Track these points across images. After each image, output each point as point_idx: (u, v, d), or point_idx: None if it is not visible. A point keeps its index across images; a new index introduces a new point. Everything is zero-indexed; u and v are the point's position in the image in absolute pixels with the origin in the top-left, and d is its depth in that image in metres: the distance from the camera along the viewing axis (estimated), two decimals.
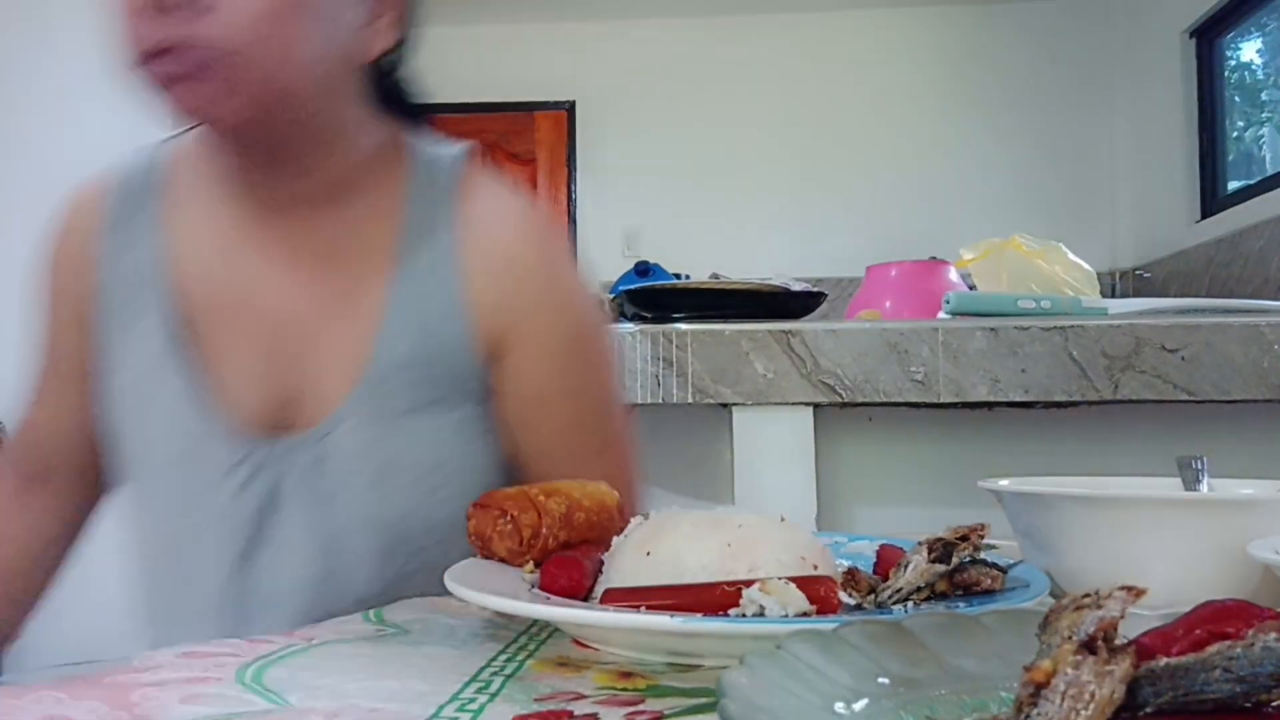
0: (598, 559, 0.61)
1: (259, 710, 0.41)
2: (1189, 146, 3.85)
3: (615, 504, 0.70)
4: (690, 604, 0.50)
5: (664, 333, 1.09)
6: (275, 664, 0.49)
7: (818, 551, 0.58)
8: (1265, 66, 3.71)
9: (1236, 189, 3.65)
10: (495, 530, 0.64)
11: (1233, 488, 0.68)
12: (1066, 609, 0.30)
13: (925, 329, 1.07)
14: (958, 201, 4.39)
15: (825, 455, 1.13)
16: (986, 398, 1.06)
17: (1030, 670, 0.28)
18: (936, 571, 0.55)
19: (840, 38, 4.54)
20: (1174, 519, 0.55)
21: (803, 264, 4.24)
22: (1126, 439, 1.15)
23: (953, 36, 4.48)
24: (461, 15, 4.54)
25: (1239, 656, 0.26)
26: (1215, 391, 1.03)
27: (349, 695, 0.44)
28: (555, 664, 0.50)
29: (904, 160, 4.47)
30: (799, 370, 1.08)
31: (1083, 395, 1.05)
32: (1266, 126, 3.69)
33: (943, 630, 0.39)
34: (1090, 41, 4.42)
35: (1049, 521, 0.60)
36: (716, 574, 0.54)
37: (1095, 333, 1.05)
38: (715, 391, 1.08)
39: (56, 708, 0.40)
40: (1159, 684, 0.27)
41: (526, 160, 4.64)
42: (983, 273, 1.36)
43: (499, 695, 0.44)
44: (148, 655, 0.49)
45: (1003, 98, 4.44)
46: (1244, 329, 1.03)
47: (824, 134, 4.51)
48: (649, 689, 0.46)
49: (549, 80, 4.62)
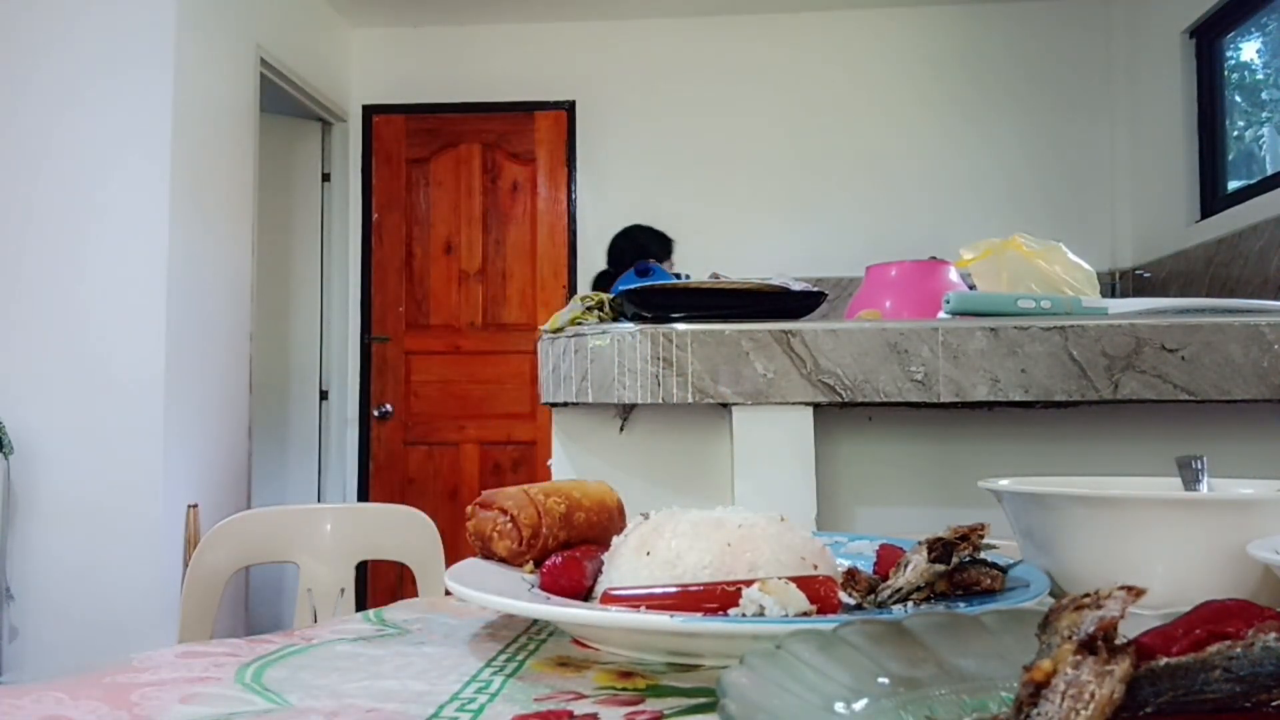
0: (598, 559, 0.61)
1: (259, 710, 0.41)
2: (1189, 146, 3.85)
3: (615, 504, 0.70)
4: (690, 604, 0.50)
5: (664, 333, 1.09)
6: (275, 664, 0.49)
7: (817, 551, 0.58)
8: (1265, 66, 3.71)
9: (1236, 189, 3.65)
10: (495, 530, 0.64)
11: (1233, 488, 0.68)
12: (1066, 609, 0.30)
13: (925, 329, 1.07)
14: (958, 201, 4.39)
15: (825, 455, 1.13)
16: (986, 398, 1.06)
17: (1030, 670, 0.28)
18: (936, 571, 0.55)
19: (840, 38, 4.54)
20: (1174, 519, 0.55)
21: (803, 264, 4.24)
22: (1126, 439, 1.15)
23: (953, 36, 4.48)
24: (462, 15, 4.54)
25: (1239, 656, 0.26)
26: (1215, 391, 1.03)
27: (348, 695, 0.44)
28: (555, 664, 0.50)
29: (904, 160, 4.47)
30: (799, 370, 1.08)
31: (1083, 395, 1.05)
32: (1266, 126, 3.69)
33: (943, 630, 0.39)
34: (1090, 41, 4.42)
35: (1049, 521, 0.60)
36: (716, 574, 0.54)
37: (1095, 333, 1.05)
38: (715, 391, 1.08)
39: (56, 708, 0.40)
40: (1159, 684, 0.27)
41: (526, 160, 4.64)
42: (983, 273, 1.36)
43: (499, 695, 0.44)
44: (147, 655, 0.49)
45: (1003, 97, 4.44)
46: (1244, 329, 1.03)
47: (824, 134, 4.51)
48: (649, 689, 0.46)
49: (549, 80, 4.62)
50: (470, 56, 4.64)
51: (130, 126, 3.10)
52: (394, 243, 4.64)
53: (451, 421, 4.56)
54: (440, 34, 4.65)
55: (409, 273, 4.62)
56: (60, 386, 3.04)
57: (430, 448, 4.55)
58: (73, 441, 3.03)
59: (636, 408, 1.22)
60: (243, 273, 3.63)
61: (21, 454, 3.00)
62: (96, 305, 3.06)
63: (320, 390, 4.57)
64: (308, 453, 4.52)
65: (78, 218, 3.08)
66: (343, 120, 4.61)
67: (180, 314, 3.15)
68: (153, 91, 3.11)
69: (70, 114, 3.10)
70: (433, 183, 4.65)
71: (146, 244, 3.07)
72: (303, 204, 4.55)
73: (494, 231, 4.63)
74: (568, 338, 1.14)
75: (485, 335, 4.58)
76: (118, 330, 3.06)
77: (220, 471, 3.43)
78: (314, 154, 4.59)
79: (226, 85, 3.54)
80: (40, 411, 3.02)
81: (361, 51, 4.69)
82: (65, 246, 3.07)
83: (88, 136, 3.10)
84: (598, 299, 1.24)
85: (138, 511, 3.03)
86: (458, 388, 4.54)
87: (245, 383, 3.64)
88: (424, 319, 4.60)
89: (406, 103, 4.64)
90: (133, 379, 3.04)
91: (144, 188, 3.09)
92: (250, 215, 3.69)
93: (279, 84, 3.97)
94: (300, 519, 1.66)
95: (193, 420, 3.23)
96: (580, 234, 4.61)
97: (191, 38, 3.25)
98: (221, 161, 3.47)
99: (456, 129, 4.64)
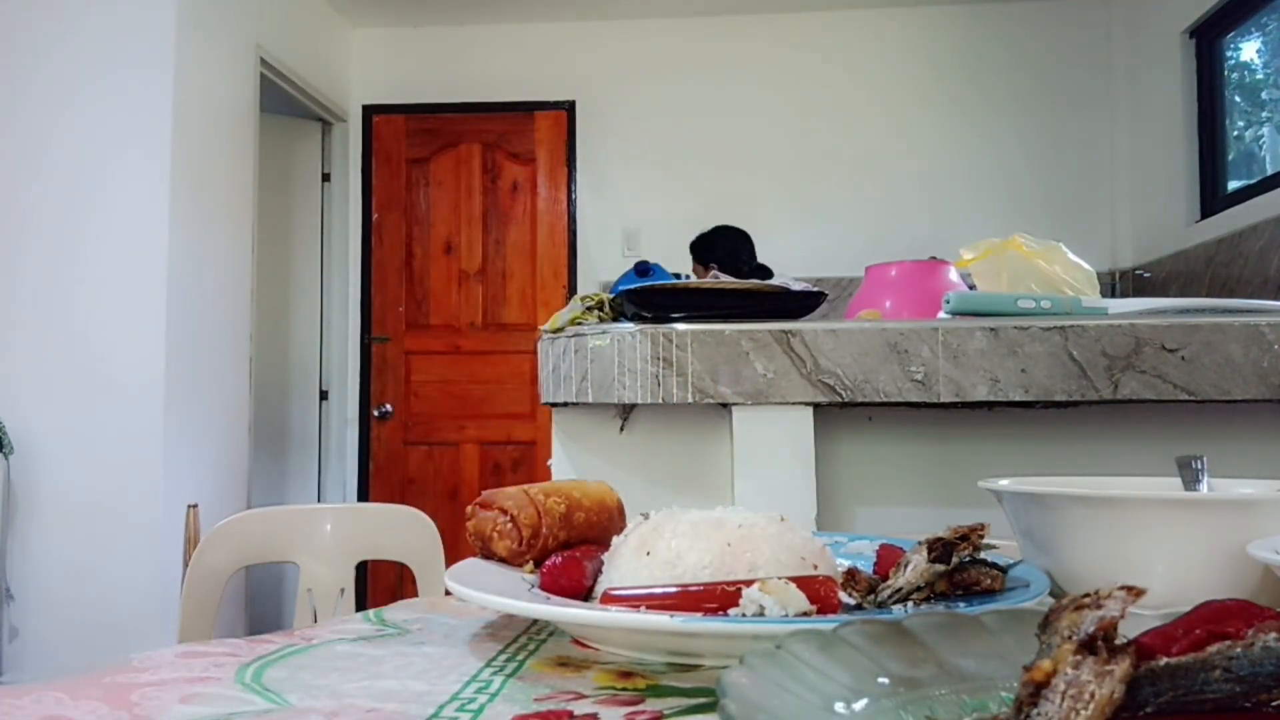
0: (598, 559, 0.61)
1: (259, 710, 0.41)
2: (1189, 146, 3.85)
3: (615, 504, 0.70)
4: (690, 604, 0.50)
5: (664, 333, 1.09)
6: (275, 664, 0.49)
7: (817, 551, 0.58)
8: (1265, 66, 3.71)
9: (1236, 189, 3.65)
10: (495, 530, 0.64)
11: (1233, 488, 0.68)
12: (1066, 609, 0.30)
13: (925, 329, 1.07)
14: (958, 201, 4.39)
15: (825, 455, 1.13)
16: (986, 398, 1.06)
17: (1030, 670, 0.28)
18: (936, 571, 0.55)
19: (840, 38, 4.54)
20: (1174, 519, 0.55)
21: (803, 264, 4.24)
22: (1126, 439, 1.15)
23: (952, 36, 4.48)
24: (462, 15, 4.54)
25: (1239, 656, 0.26)
26: (1215, 391, 1.03)
27: (348, 695, 0.44)
28: (555, 664, 0.50)
29: (904, 160, 4.47)
30: (799, 370, 1.08)
31: (1083, 395, 1.05)
32: (1266, 126, 3.69)
33: (943, 630, 0.39)
34: (1090, 41, 4.42)
35: (1049, 521, 0.60)
36: (716, 574, 0.54)
37: (1095, 333, 1.05)
38: (715, 391, 1.08)
39: (56, 708, 0.40)
40: (1159, 684, 0.27)
41: (526, 160, 4.64)
42: (983, 273, 1.36)
43: (499, 695, 0.44)
44: (147, 655, 0.49)
45: (1003, 97, 4.44)
46: (1244, 329, 1.03)
47: (824, 134, 4.51)
48: (649, 689, 0.46)
49: (549, 80, 4.63)
50: (470, 56, 4.64)
51: (130, 126, 3.10)
52: (394, 243, 4.64)
53: (451, 421, 4.56)
54: (440, 34, 4.64)
55: (409, 273, 4.62)
56: (60, 386, 3.04)
57: (430, 448, 4.55)
58: (73, 441, 3.03)
59: (636, 408, 1.22)
60: (243, 273, 3.63)
61: (21, 454, 3.00)
62: (96, 305, 3.06)
63: (320, 390, 4.57)
64: (308, 453, 4.52)
65: (78, 217, 3.08)
66: (343, 120, 4.61)
67: (180, 314, 3.15)
68: (153, 91, 3.11)
69: (70, 113, 3.10)
70: (433, 183, 4.65)
71: (146, 244, 3.07)
72: (303, 204, 4.55)
73: (494, 231, 4.63)
74: (568, 338, 1.14)
75: (485, 335, 4.58)
76: (118, 330, 3.06)
77: (220, 471, 3.43)
78: (314, 154, 4.59)
79: (226, 85, 3.54)
80: (40, 411, 3.02)
81: (361, 51, 4.69)
82: (65, 246, 3.07)
83: (88, 136, 3.10)
84: (598, 299, 1.24)
85: (138, 511, 3.03)
86: (458, 388, 4.54)
87: (245, 383, 3.64)
88: (424, 319, 4.60)
89: (406, 103, 4.64)
90: (133, 379, 3.04)
91: (144, 187, 3.09)
92: (250, 215, 3.69)
93: (279, 84, 3.97)
94: (300, 519, 1.66)
95: (193, 420, 3.23)
96: (580, 234, 4.61)
97: (191, 38, 3.25)
98: (221, 161, 3.47)
99: (456, 129, 4.64)
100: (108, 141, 3.09)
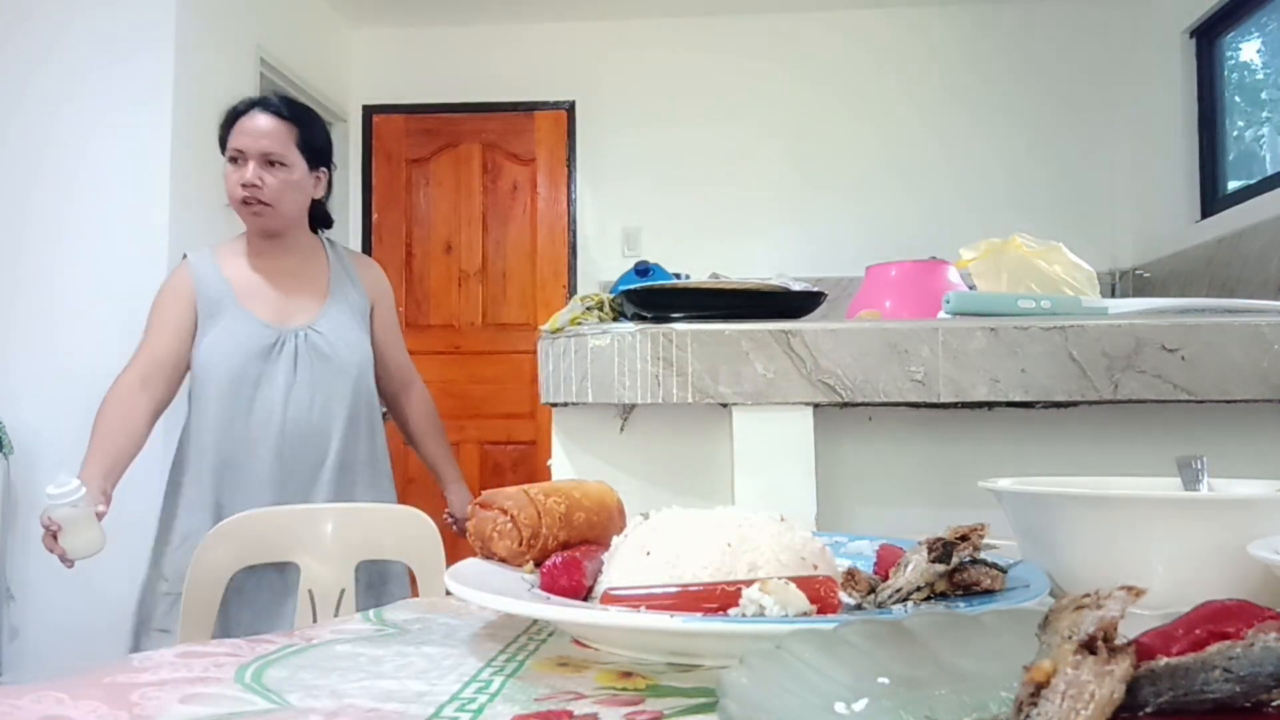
0: (598, 559, 0.61)
1: (259, 710, 0.41)
2: (1189, 146, 3.85)
3: (615, 504, 0.70)
4: (690, 604, 0.50)
5: (664, 333, 1.09)
6: (274, 664, 0.49)
7: (818, 551, 0.58)
8: (1265, 66, 3.71)
9: (1236, 189, 3.65)
10: (495, 530, 0.64)
11: (1233, 488, 0.68)
12: (1066, 609, 0.30)
13: (925, 329, 1.07)
14: (958, 202, 4.39)
15: (825, 455, 1.13)
16: (986, 398, 1.06)
17: (1030, 670, 0.28)
18: (936, 571, 0.55)
19: (840, 38, 4.54)
20: (1174, 519, 0.55)
21: (803, 264, 4.24)
22: (1126, 439, 1.15)
23: (953, 36, 4.48)
24: (462, 15, 4.54)
25: (1239, 656, 0.26)
26: (1215, 391, 1.03)
27: (348, 695, 0.44)
28: (555, 664, 0.50)
29: (904, 160, 4.47)
30: (799, 370, 1.08)
31: (1083, 395, 1.05)
32: (1266, 126, 3.69)
33: (943, 630, 0.39)
34: (1090, 41, 4.42)
35: (1049, 521, 0.60)
36: (716, 574, 0.54)
37: (1095, 333, 1.05)
38: (715, 391, 1.08)
39: (56, 708, 0.40)
40: (1159, 684, 0.27)
41: (526, 160, 4.64)
42: (983, 273, 1.36)
43: (499, 695, 0.44)
44: (147, 655, 0.49)
45: (1003, 97, 4.44)
46: (1244, 329, 1.03)
47: (824, 134, 4.51)
48: (649, 689, 0.46)
49: (549, 80, 4.63)
50: (470, 56, 4.64)
51: (130, 126, 3.10)
52: (394, 242, 4.64)
53: (451, 421, 4.54)
54: (440, 34, 4.64)
55: (409, 272, 4.62)
56: (60, 386, 3.03)
57: None
58: (73, 441, 3.02)
59: (636, 407, 1.21)
60: None
61: (21, 454, 3.00)
62: (97, 305, 3.06)
63: None
64: None
65: (77, 217, 3.07)
66: (342, 120, 4.61)
67: None
68: (153, 91, 3.11)
69: (70, 113, 3.10)
70: (432, 182, 4.65)
71: (146, 244, 3.07)
72: None
73: (494, 231, 4.63)
74: (568, 338, 1.14)
75: (485, 335, 4.58)
76: (118, 330, 3.06)
77: None
78: None
79: (227, 85, 3.53)
80: (40, 411, 3.02)
81: (361, 51, 4.69)
82: (65, 246, 3.07)
83: (88, 136, 3.10)
84: (598, 299, 1.24)
85: (138, 511, 3.02)
86: (458, 387, 4.54)
87: None
88: (424, 319, 4.60)
89: (406, 103, 4.64)
90: None
91: (144, 187, 3.09)
92: None
93: (279, 84, 3.96)
94: (300, 519, 1.66)
95: None
96: (580, 234, 4.61)
97: (191, 38, 3.25)
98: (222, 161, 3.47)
99: (456, 129, 4.63)
100: (108, 141, 3.09)
